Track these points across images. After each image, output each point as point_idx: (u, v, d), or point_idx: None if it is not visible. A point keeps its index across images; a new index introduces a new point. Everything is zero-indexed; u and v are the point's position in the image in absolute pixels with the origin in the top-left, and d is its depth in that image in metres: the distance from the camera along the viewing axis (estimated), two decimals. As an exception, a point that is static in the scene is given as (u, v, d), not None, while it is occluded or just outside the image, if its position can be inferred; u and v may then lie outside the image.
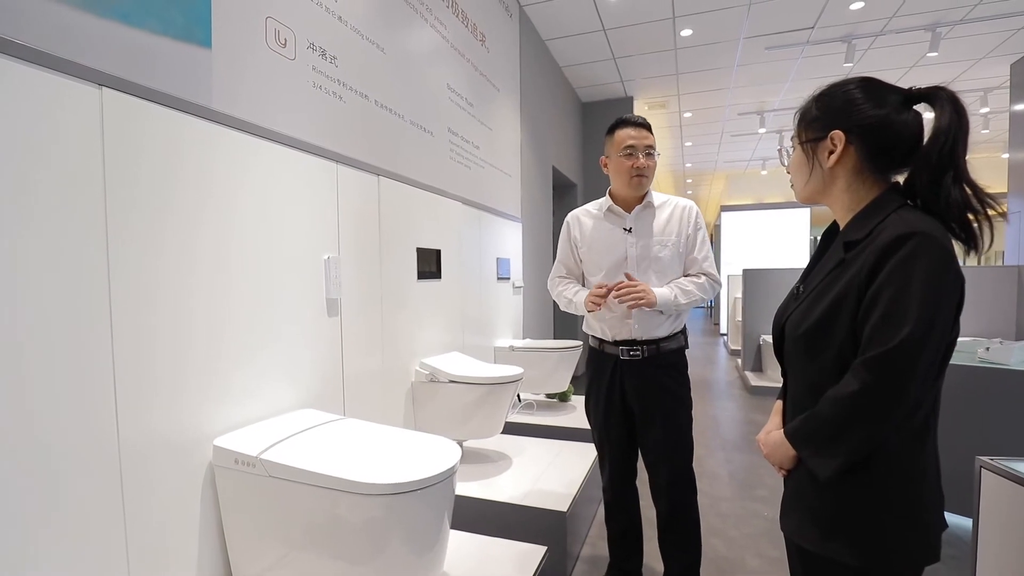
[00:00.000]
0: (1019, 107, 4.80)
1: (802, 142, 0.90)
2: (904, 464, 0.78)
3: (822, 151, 0.87)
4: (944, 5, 3.84)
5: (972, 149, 4.24)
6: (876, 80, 0.85)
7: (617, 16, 4.00)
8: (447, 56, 2.61)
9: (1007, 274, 3.97)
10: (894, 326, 0.72)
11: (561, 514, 1.86)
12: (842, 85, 0.86)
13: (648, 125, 1.63)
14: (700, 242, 1.65)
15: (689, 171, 10.02)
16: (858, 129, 0.83)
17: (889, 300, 0.73)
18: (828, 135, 0.85)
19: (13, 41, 0.89)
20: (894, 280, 0.74)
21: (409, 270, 2.20)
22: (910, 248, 0.73)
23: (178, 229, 1.18)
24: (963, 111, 0.78)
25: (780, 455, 0.89)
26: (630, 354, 1.62)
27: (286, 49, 1.53)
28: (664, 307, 1.56)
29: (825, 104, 0.87)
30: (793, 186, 0.96)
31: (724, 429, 3.89)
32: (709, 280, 1.63)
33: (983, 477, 1.22)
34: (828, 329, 0.81)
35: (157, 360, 1.13)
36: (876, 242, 0.77)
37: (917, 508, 0.78)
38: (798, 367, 0.89)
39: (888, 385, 0.73)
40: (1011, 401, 2.04)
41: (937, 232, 0.75)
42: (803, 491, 0.86)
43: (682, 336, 1.68)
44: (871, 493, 0.78)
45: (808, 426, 0.83)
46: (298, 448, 1.23)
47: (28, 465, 0.90)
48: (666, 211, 1.65)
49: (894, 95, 0.83)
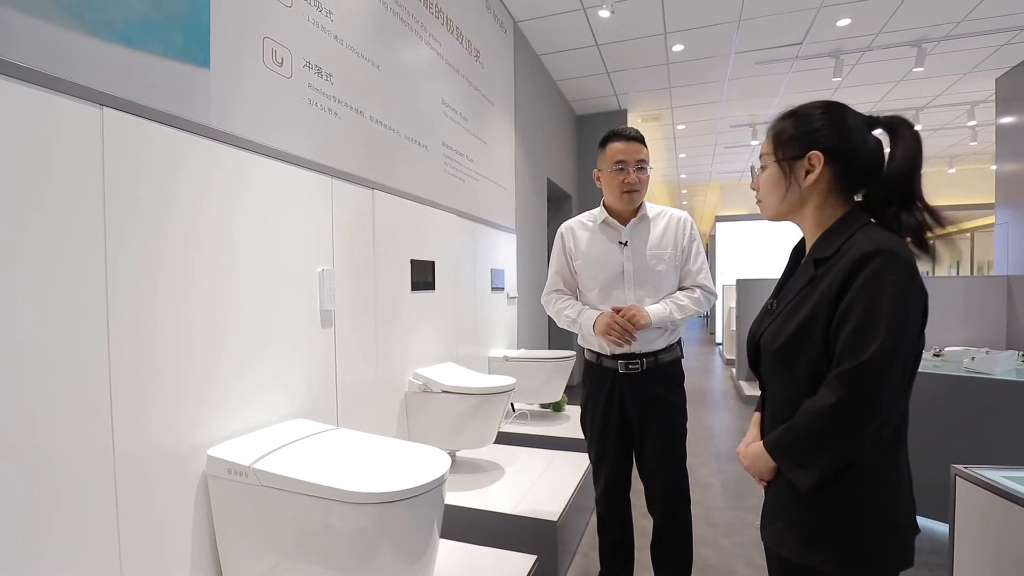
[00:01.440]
0: (1005, 120, 4.89)
1: (779, 160, 0.93)
2: (879, 475, 0.81)
3: (799, 170, 0.90)
4: (929, 22, 3.93)
5: (962, 160, 4.33)
6: (845, 106, 0.90)
7: (610, 32, 4.08)
8: (442, 72, 2.67)
9: (996, 284, 4.02)
10: (865, 340, 0.76)
11: (552, 523, 1.88)
12: (816, 107, 0.91)
13: (640, 138, 1.61)
14: (695, 254, 1.64)
15: (684, 182, 10.12)
16: (834, 151, 0.87)
17: (859, 315, 0.77)
18: (807, 155, 0.89)
19: (18, 64, 0.92)
20: (863, 296, 0.77)
21: (403, 282, 2.23)
22: (877, 265, 0.77)
23: (176, 243, 1.21)
24: (919, 140, 0.84)
25: (760, 466, 0.91)
26: (629, 368, 1.61)
27: (283, 67, 1.58)
28: (660, 324, 1.57)
29: (802, 125, 0.90)
30: (761, 203, 0.99)
31: (718, 439, 3.91)
32: (704, 293, 1.63)
33: (957, 485, 1.25)
34: (802, 344, 0.85)
35: (153, 371, 1.15)
36: (844, 259, 0.81)
37: (892, 516, 0.81)
38: (775, 381, 0.92)
39: (862, 396, 0.76)
40: (996, 411, 2.07)
41: (901, 249, 0.79)
42: (783, 502, 0.89)
43: (678, 347, 1.68)
44: (848, 504, 0.81)
45: (787, 438, 0.85)
46: (290, 458, 1.25)
47: (23, 472, 0.92)
48: (661, 223, 1.65)
49: (861, 121, 0.88)
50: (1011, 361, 2.36)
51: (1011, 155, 4.81)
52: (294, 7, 1.63)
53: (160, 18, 1.19)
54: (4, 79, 0.90)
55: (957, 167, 8.26)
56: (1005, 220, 4.92)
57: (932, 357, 2.71)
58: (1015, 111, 4.76)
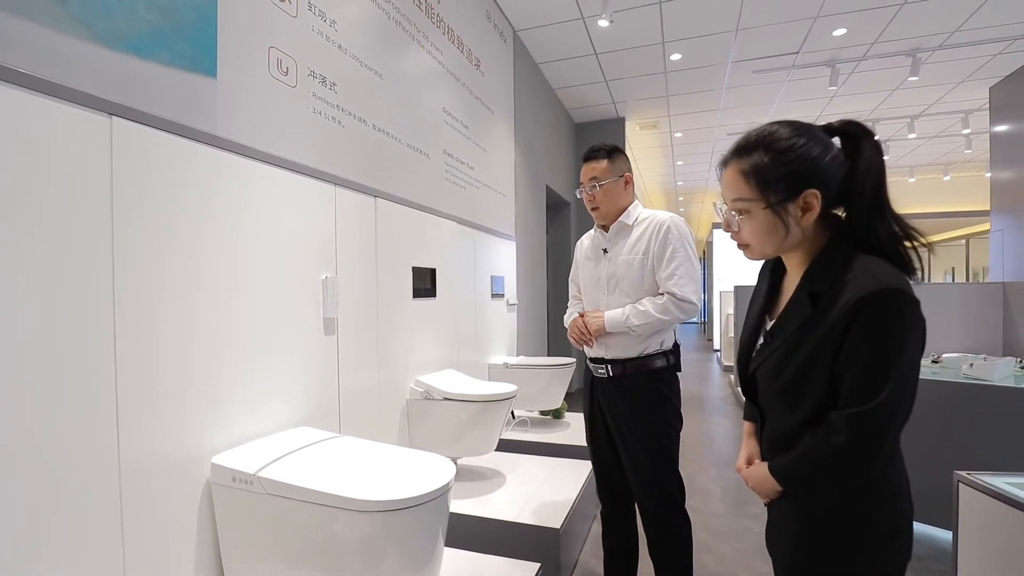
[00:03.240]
0: (999, 128, 4.94)
1: (770, 205, 0.84)
2: (879, 487, 0.82)
3: (794, 210, 0.83)
4: (924, 32, 3.98)
5: (957, 168, 4.36)
6: (809, 125, 0.85)
7: (608, 41, 4.12)
8: (443, 80, 2.69)
9: (992, 291, 4.05)
10: (874, 386, 0.75)
11: (555, 531, 1.88)
12: (790, 134, 0.83)
13: (596, 154, 1.66)
14: (667, 259, 1.57)
15: (681, 189, 10.17)
16: (825, 184, 0.82)
17: (867, 361, 0.76)
18: (801, 195, 0.82)
19: (30, 74, 0.93)
20: (870, 338, 0.76)
21: (405, 289, 2.24)
22: (883, 307, 0.75)
23: (181, 250, 1.21)
24: (881, 150, 0.82)
25: (767, 489, 0.91)
26: (598, 372, 1.67)
27: (288, 77, 1.59)
28: (614, 328, 1.58)
29: (787, 162, 0.82)
30: (749, 247, 0.90)
31: (717, 445, 3.91)
32: (672, 300, 1.54)
33: (960, 491, 1.26)
34: (805, 384, 0.84)
35: (158, 378, 1.15)
36: (846, 297, 0.78)
37: (894, 523, 0.82)
38: (776, 414, 0.91)
39: (871, 440, 0.77)
40: (995, 417, 2.08)
41: (901, 282, 0.77)
42: (786, 519, 0.91)
43: (661, 358, 1.62)
44: (852, 518, 0.83)
45: (795, 470, 0.86)
46: (295, 466, 1.25)
47: (29, 479, 0.92)
48: (639, 229, 1.64)
49: (826, 136, 0.84)
50: (1009, 367, 2.37)
51: (1005, 163, 4.86)
52: (299, 17, 1.64)
53: (168, 28, 1.20)
54: (15, 88, 0.91)
55: (952, 175, 8.33)
56: (1000, 227, 4.96)
57: (930, 364, 2.72)
58: (1009, 119, 4.82)
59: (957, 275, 10.21)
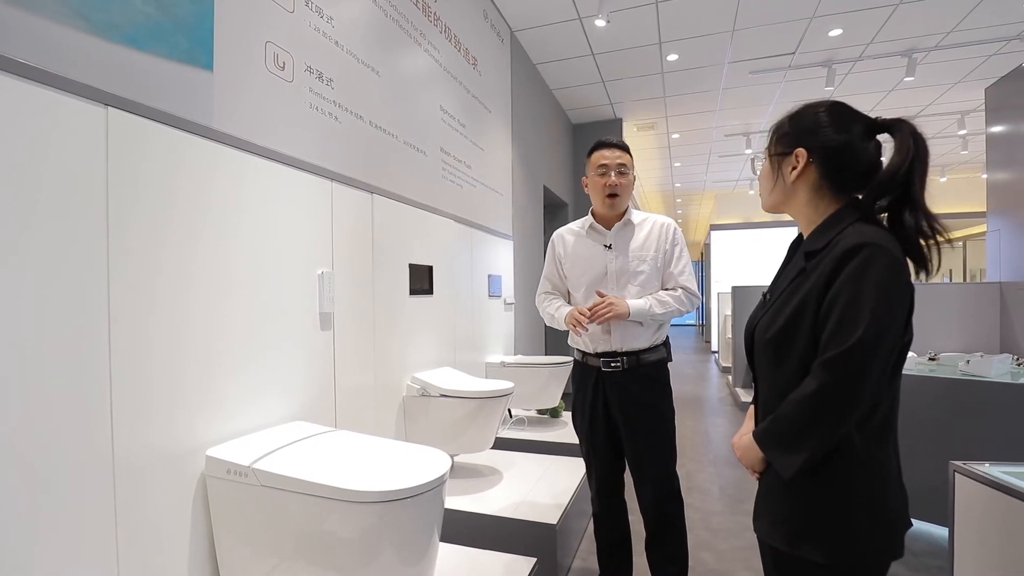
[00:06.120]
0: (994, 129, 4.96)
1: (771, 155, 0.97)
2: (868, 464, 0.81)
3: (786, 165, 0.93)
4: (919, 32, 4.00)
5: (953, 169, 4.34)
6: (846, 106, 0.92)
7: (605, 41, 4.13)
8: (440, 79, 2.69)
9: (989, 290, 4.06)
10: (848, 329, 0.77)
11: (551, 527, 1.87)
12: (815, 107, 0.93)
13: (623, 146, 1.72)
14: (677, 257, 1.70)
15: (679, 191, 10.19)
16: (820, 149, 0.89)
17: (844, 306, 0.79)
18: (793, 152, 0.92)
19: (26, 63, 0.93)
20: (848, 287, 0.79)
21: (401, 286, 2.23)
22: (863, 257, 0.79)
23: (177, 243, 1.21)
24: (922, 142, 0.84)
25: (751, 457, 0.93)
26: (611, 366, 1.65)
27: (284, 72, 1.59)
28: (639, 317, 1.60)
29: (795, 123, 0.93)
30: (760, 194, 1.03)
31: (715, 444, 3.91)
32: (686, 293, 1.67)
33: (957, 482, 1.26)
34: (792, 335, 0.86)
35: (152, 371, 1.15)
36: (832, 252, 0.83)
37: (881, 504, 0.81)
38: (767, 372, 0.93)
39: (844, 384, 0.78)
40: (992, 413, 2.08)
41: (889, 244, 0.80)
42: (773, 492, 0.90)
43: (664, 349, 1.70)
44: (836, 491, 0.82)
45: (772, 427, 0.87)
46: (290, 458, 1.25)
47: (21, 472, 0.92)
48: (645, 228, 1.72)
49: (859, 123, 0.89)
50: (1006, 364, 2.38)
51: (1001, 164, 4.88)
52: (296, 12, 1.65)
53: (166, 21, 1.20)
54: (11, 77, 0.91)
55: (948, 176, 8.36)
56: (996, 227, 4.97)
57: (928, 361, 2.73)
58: (1004, 120, 4.83)
59: (955, 278, 10.23)
